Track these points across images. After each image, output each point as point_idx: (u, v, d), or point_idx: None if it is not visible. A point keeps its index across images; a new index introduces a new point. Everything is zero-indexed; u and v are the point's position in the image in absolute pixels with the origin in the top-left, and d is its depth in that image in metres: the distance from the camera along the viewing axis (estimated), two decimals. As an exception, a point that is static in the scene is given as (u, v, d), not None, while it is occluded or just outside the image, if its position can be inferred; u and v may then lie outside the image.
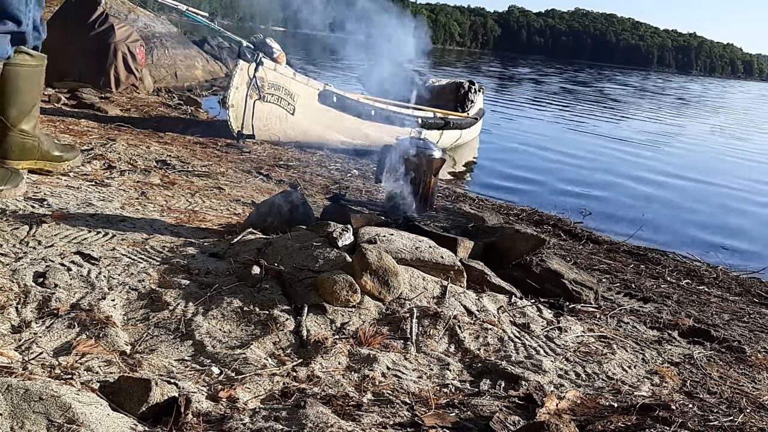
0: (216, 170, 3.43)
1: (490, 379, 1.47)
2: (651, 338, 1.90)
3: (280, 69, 4.86)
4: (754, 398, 1.53)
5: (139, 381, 1.14)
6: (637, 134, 10.84)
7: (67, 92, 5.28)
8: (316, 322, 1.58)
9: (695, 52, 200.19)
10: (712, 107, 23.08)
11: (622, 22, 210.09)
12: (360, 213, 2.29)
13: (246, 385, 1.27)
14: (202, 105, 6.64)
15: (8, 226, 1.90)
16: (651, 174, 7.00)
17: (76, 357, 1.29)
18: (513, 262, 2.18)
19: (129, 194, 2.56)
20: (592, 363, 1.62)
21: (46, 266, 1.66)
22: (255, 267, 1.74)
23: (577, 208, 4.78)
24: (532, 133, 9.47)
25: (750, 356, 1.87)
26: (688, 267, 3.13)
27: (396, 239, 1.95)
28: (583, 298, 2.08)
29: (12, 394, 0.98)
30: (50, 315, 1.44)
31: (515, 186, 5.62)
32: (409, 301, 1.72)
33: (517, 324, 1.79)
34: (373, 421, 1.21)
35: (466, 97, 6.98)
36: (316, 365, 1.40)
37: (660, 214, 5.14)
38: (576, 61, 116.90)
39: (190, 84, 8.46)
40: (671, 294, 2.52)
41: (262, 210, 2.25)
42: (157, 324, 1.49)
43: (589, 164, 7.27)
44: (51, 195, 2.33)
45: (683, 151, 9.50)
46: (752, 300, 2.70)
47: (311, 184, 3.70)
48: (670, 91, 32.11)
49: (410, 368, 1.47)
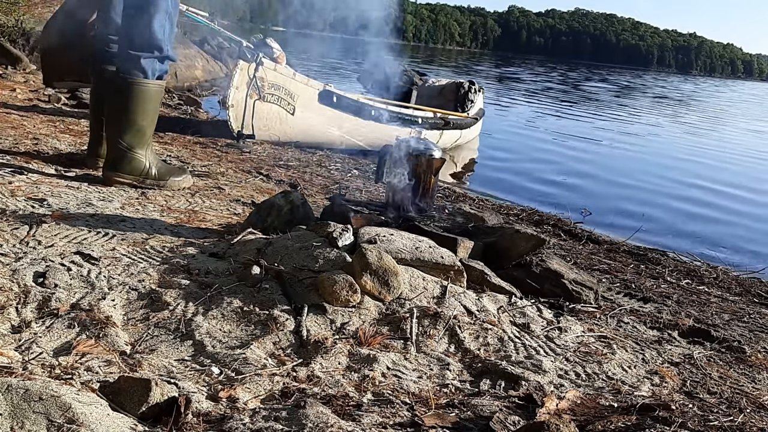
0: (216, 170, 3.43)
1: (490, 379, 1.47)
2: (651, 338, 1.90)
3: (280, 69, 4.85)
4: (754, 398, 1.53)
5: (139, 381, 1.14)
6: (637, 134, 10.84)
7: (67, 92, 5.27)
8: (316, 322, 1.58)
9: (695, 52, 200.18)
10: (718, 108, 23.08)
11: (622, 22, 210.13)
12: (360, 213, 2.29)
13: (246, 385, 1.27)
14: (202, 105, 6.64)
15: (8, 226, 1.90)
16: (651, 174, 7.00)
17: (76, 357, 1.29)
18: (513, 262, 2.18)
19: (129, 194, 2.56)
20: (592, 363, 1.62)
21: (46, 266, 1.66)
22: (255, 267, 1.74)
23: (577, 208, 4.78)
24: (533, 133, 9.47)
25: (750, 356, 1.87)
26: (688, 267, 3.13)
27: (396, 239, 1.95)
28: (583, 298, 2.08)
29: (12, 394, 0.98)
30: (50, 315, 1.44)
31: (515, 186, 5.62)
32: (409, 301, 1.72)
33: (517, 324, 1.79)
34: (373, 421, 1.21)
35: (466, 97, 6.98)
36: (316, 365, 1.40)
37: (660, 214, 5.14)
38: (575, 61, 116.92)
39: (190, 84, 8.47)
40: (671, 294, 2.52)
41: (262, 210, 2.25)
42: (157, 324, 1.49)
43: (590, 164, 7.27)
44: (51, 195, 2.33)
45: (682, 150, 9.50)
46: (752, 300, 2.70)
47: (311, 184, 3.71)
48: (670, 92, 32.10)
49: (410, 368, 1.47)
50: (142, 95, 2.60)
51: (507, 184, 5.67)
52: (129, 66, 2.58)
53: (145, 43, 2.58)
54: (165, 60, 2.67)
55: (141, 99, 2.60)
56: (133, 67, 2.57)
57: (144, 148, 2.66)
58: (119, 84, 2.59)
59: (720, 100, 29.41)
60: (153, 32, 2.57)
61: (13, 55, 6.47)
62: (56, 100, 4.97)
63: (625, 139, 10.03)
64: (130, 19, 2.59)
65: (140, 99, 2.60)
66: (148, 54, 2.59)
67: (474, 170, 6.41)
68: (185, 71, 8.41)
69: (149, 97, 2.62)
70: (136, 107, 2.60)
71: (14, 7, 7.25)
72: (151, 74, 2.61)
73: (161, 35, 2.60)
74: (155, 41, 2.59)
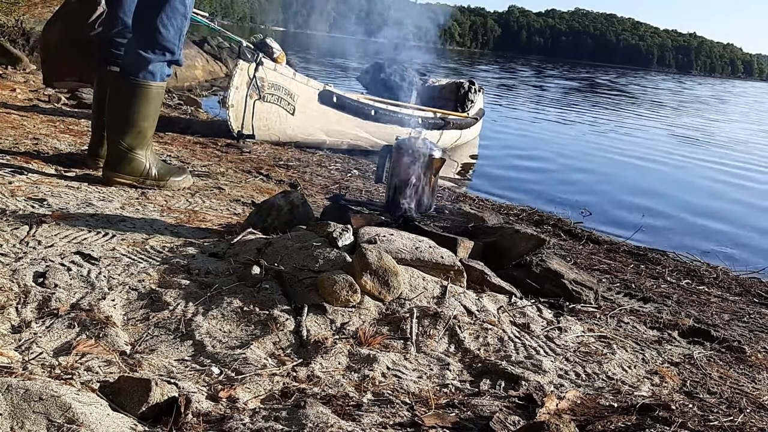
0: (216, 170, 3.43)
1: (490, 379, 1.47)
2: (651, 338, 1.90)
3: (280, 69, 4.86)
4: (754, 398, 1.53)
5: (139, 381, 1.14)
6: (636, 132, 10.84)
7: (67, 92, 5.27)
8: (316, 322, 1.58)
9: (695, 52, 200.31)
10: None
11: (622, 22, 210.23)
12: (360, 213, 2.29)
13: (246, 385, 1.27)
14: (202, 105, 6.64)
15: (8, 226, 1.90)
16: (651, 174, 7.00)
17: (76, 357, 1.29)
18: (513, 262, 2.18)
19: (129, 194, 2.56)
20: (592, 363, 1.62)
21: (46, 266, 1.66)
22: (255, 267, 1.74)
23: (577, 208, 4.78)
24: (533, 133, 9.47)
25: (750, 356, 1.87)
26: (688, 267, 3.13)
27: (396, 239, 1.95)
28: (583, 298, 2.08)
29: (12, 394, 0.98)
30: (50, 315, 1.44)
31: (515, 186, 5.62)
32: (409, 301, 1.72)
33: (517, 324, 1.79)
34: (373, 421, 1.21)
35: (466, 97, 6.99)
36: (316, 365, 1.40)
37: (660, 214, 5.14)
38: (575, 61, 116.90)
39: (190, 84, 8.47)
40: (671, 294, 2.52)
41: (262, 210, 2.25)
42: (157, 324, 1.49)
43: (590, 164, 7.27)
44: (51, 195, 2.33)
45: (683, 149, 9.50)
46: (752, 300, 2.70)
47: (311, 184, 3.71)
48: (670, 92, 32.09)
49: (410, 368, 1.47)
50: (145, 96, 2.57)
51: (507, 184, 5.67)
52: (138, 68, 2.53)
53: (158, 46, 2.52)
54: (173, 64, 2.63)
55: (143, 100, 2.57)
56: (141, 69, 2.52)
57: (144, 148, 2.65)
58: (123, 85, 2.57)
59: (731, 99, 29.39)
60: (168, 35, 2.52)
61: (13, 55, 6.47)
62: (56, 100, 4.97)
63: (625, 139, 10.03)
64: (144, 19, 2.52)
65: (142, 100, 2.57)
66: (160, 57, 2.54)
67: (474, 170, 6.41)
68: (185, 71, 8.41)
69: (151, 99, 2.60)
70: (138, 108, 2.57)
71: (14, 7, 7.25)
72: (159, 78, 2.58)
73: (176, 39, 2.55)
74: (169, 44, 2.54)
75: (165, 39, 2.52)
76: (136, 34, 2.57)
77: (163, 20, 2.50)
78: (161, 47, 2.53)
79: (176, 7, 2.51)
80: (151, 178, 2.67)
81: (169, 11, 2.50)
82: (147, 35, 2.52)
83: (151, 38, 2.52)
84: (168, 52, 2.56)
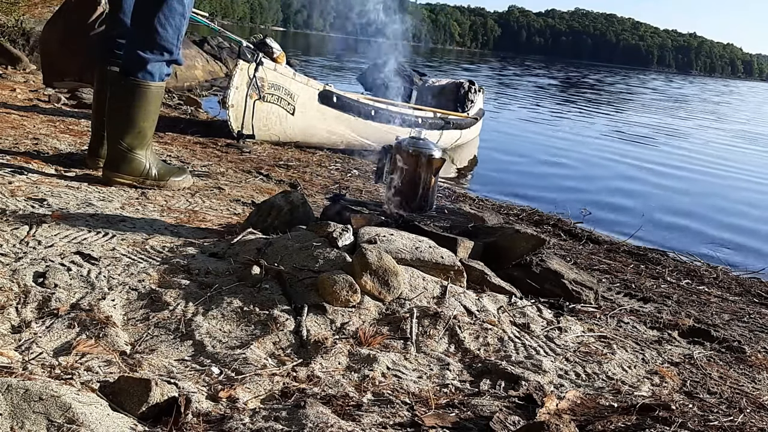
0: (216, 170, 3.43)
1: (490, 379, 1.47)
2: (651, 338, 1.90)
3: (280, 69, 4.86)
4: (754, 398, 1.53)
5: (139, 381, 1.14)
6: (637, 132, 10.84)
7: (67, 92, 5.27)
8: (316, 322, 1.58)
9: (695, 52, 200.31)
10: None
11: (622, 22, 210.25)
12: (360, 213, 2.29)
13: (246, 385, 1.27)
14: (202, 105, 6.64)
15: (8, 226, 1.90)
16: (651, 173, 7.00)
17: (76, 357, 1.29)
18: (513, 262, 2.18)
19: (129, 194, 2.56)
20: (592, 363, 1.62)
21: (46, 266, 1.65)
22: (255, 267, 1.74)
23: (577, 208, 4.78)
24: (533, 133, 9.47)
25: (750, 356, 1.87)
26: (688, 267, 3.13)
27: (396, 239, 1.95)
28: (583, 298, 2.08)
29: (12, 394, 0.98)
30: (50, 315, 1.44)
31: (515, 186, 5.62)
32: (409, 301, 1.72)
33: (517, 324, 1.79)
34: (373, 421, 1.21)
35: (466, 97, 6.99)
36: (316, 365, 1.40)
37: (660, 214, 5.14)
38: (575, 61, 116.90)
39: (190, 84, 8.47)
40: (671, 294, 2.52)
41: (262, 210, 2.25)
42: (157, 324, 1.49)
43: (590, 164, 7.27)
44: (51, 195, 2.33)
45: (682, 150, 9.50)
46: (752, 300, 2.70)
47: (311, 184, 3.71)
48: (672, 92, 32.09)
49: (410, 368, 1.47)
50: (145, 97, 2.57)
51: (507, 184, 5.67)
52: (136, 68, 2.53)
53: (156, 46, 2.52)
54: (172, 63, 2.64)
55: (143, 100, 2.57)
56: (140, 69, 2.53)
57: (144, 148, 2.65)
58: (123, 85, 2.57)
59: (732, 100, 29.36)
60: (166, 34, 2.52)
61: (13, 55, 6.47)
62: (56, 100, 4.97)
63: (625, 139, 10.03)
64: (142, 19, 2.53)
65: (142, 100, 2.57)
66: (158, 57, 2.54)
67: (474, 170, 6.41)
68: (185, 71, 8.41)
69: (151, 99, 2.60)
70: (138, 108, 2.57)
71: (14, 7, 7.25)
72: (158, 78, 2.58)
73: (174, 39, 2.55)
74: (167, 44, 2.54)
75: (163, 39, 2.52)
76: (135, 33, 2.56)
77: (161, 20, 2.50)
78: (159, 47, 2.53)
79: (174, 7, 2.51)
80: (151, 178, 2.67)
81: (167, 11, 2.50)
82: (145, 35, 2.52)
83: (149, 38, 2.51)
84: (166, 52, 2.56)
